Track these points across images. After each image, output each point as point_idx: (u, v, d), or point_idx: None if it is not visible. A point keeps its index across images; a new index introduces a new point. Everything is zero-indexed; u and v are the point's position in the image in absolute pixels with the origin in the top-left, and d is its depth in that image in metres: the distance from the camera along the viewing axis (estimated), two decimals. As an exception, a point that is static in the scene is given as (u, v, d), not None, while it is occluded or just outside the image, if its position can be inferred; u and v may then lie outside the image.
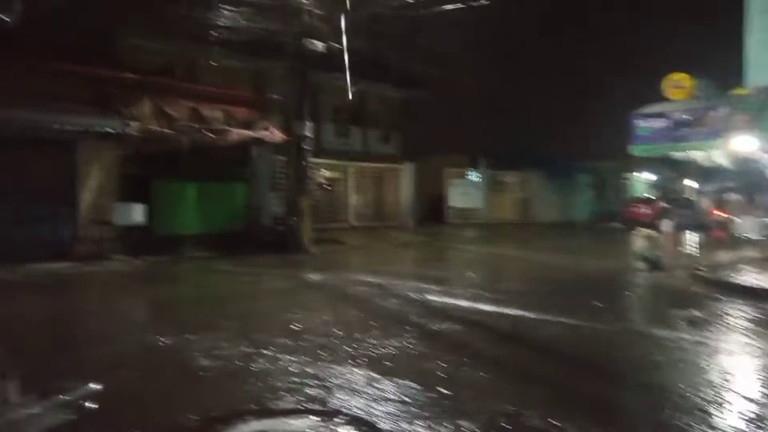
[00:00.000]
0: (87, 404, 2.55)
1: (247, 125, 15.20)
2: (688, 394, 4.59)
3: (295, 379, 4.80)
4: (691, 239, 12.56)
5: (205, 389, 4.63)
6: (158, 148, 15.50)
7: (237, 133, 14.48)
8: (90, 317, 8.08)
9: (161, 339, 6.16)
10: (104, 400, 3.05)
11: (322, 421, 1.97)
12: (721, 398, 4.52)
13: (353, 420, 2.17)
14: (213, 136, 13.93)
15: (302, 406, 4.13)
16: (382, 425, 3.83)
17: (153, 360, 5.53)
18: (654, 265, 12.10)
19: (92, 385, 2.61)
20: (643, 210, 26.63)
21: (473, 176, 27.08)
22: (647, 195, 30.68)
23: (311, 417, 2.09)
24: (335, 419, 1.98)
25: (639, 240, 12.56)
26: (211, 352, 5.60)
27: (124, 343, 6.09)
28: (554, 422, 3.94)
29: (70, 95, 12.58)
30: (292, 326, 6.77)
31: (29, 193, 12.13)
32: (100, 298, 9.49)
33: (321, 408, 4.05)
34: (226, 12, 15.00)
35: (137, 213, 12.49)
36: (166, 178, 15.18)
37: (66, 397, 2.43)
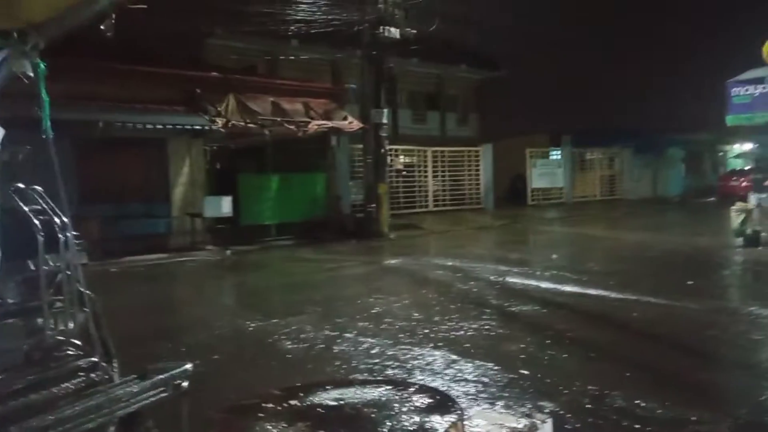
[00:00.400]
0: (182, 383, 2.72)
1: (326, 116, 15.49)
2: (789, 375, 4.34)
3: (376, 361, 4.92)
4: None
5: (291, 370, 4.84)
6: (243, 143, 16.15)
7: (316, 124, 14.78)
8: (184, 304, 8.58)
9: (250, 324, 6.47)
10: (198, 379, 3.25)
11: (397, 390, 2.05)
12: (827, 379, 4.24)
13: (427, 389, 2.24)
14: (294, 128, 14.29)
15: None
16: (461, 405, 3.86)
17: (242, 343, 5.83)
18: (751, 240, 11.38)
19: (187, 366, 2.78)
20: (741, 183, 25.06)
21: (556, 155, 26.31)
22: (745, 167, 28.81)
23: (387, 387, 2.18)
24: (410, 388, 2.06)
25: (735, 215, 11.80)
26: (297, 336, 5.83)
27: (215, 328, 6.43)
28: (641, 403, 3.83)
29: (160, 96, 13.28)
30: (372, 310, 6.91)
31: (127, 190, 12.97)
32: (194, 287, 10.03)
33: (397, 380, 4.16)
34: (302, 6, 15.33)
35: (226, 205, 13.05)
36: (251, 170, 15.78)
37: (163, 377, 2.61)
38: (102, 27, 2.03)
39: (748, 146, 30.99)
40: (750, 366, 4.67)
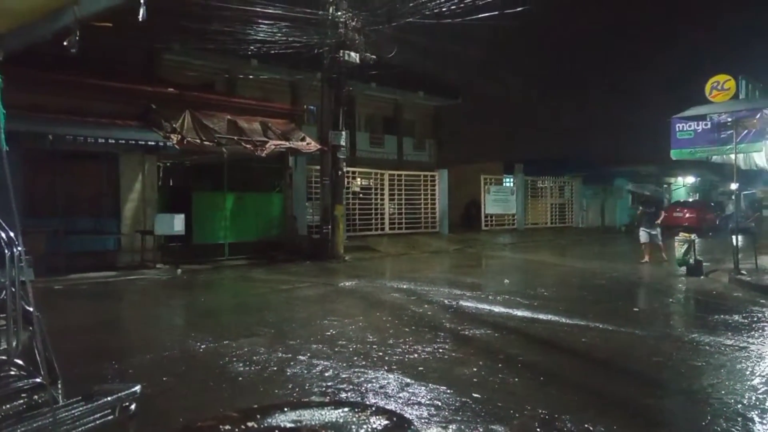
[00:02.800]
0: (130, 405, 2.66)
1: (284, 136, 15.45)
2: (729, 400, 4.50)
3: (330, 383, 4.88)
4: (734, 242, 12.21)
5: (243, 393, 4.75)
6: (198, 160, 15.94)
7: (274, 144, 14.72)
8: (133, 324, 8.33)
9: (200, 345, 6.33)
10: (146, 402, 3.18)
11: (354, 412, 2.04)
12: (764, 404, 4.42)
13: (383, 411, 2.23)
14: (251, 147, 14.19)
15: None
16: (417, 427, 3.87)
17: (192, 365, 5.68)
18: (694, 270, 11.85)
19: (135, 387, 2.72)
20: (684, 214, 26.10)
21: (509, 182, 26.89)
22: (688, 199, 30.10)
23: (344, 409, 2.17)
24: (367, 410, 2.05)
25: (679, 245, 12.29)
26: (249, 358, 5.73)
27: (164, 349, 6.26)
28: (589, 427, 3.91)
29: (114, 110, 13.02)
30: (326, 332, 6.87)
31: (76, 205, 12.57)
32: (143, 306, 9.76)
33: (354, 402, 4.12)
34: (263, 27, 15.33)
35: (178, 223, 12.78)
36: (206, 188, 15.56)
37: (110, 399, 2.54)
38: (66, 43, 2.00)
39: (691, 179, 32.48)
40: (693, 392, 4.83)
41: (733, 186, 14.83)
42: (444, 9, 14.54)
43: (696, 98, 14.39)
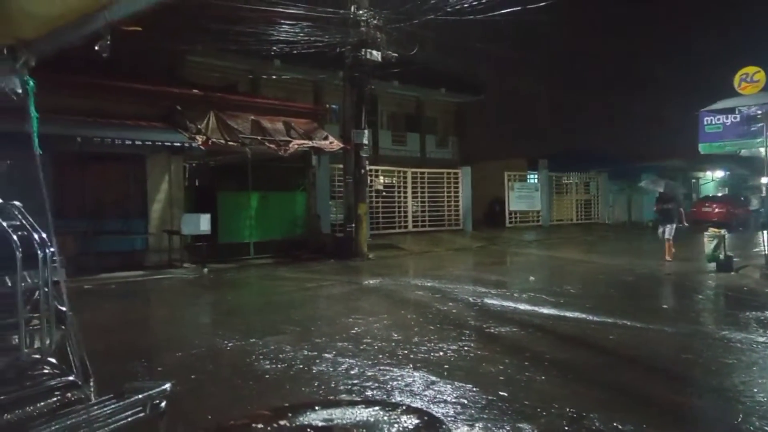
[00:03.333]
0: (160, 403, 2.70)
1: (307, 135, 15.53)
2: (762, 399, 4.41)
3: (355, 381, 4.90)
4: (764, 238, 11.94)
5: (270, 390, 4.79)
6: (223, 160, 16.09)
7: (297, 144, 14.80)
8: (161, 323, 8.45)
9: (227, 343, 6.40)
10: (176, 399, 3.22)
11: (385, 411, 2.05)
12: (797, 403, 4.33)
13: (413, 410, 2.23)
14: (274, 147, 14.28)
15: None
16: (449, 426, 3.86)
17: (220, 363, 5.76)
18: (724, 265, 11.62)
19: (165, 385, 2.76)
20: (713, 209, 25.60)
21: (533, 178, 26.64)
22: (717, 193, 29.50)
23: (374, 408, 2.17)
24: (397, 409, 2.05)
25: (708, 240, 12.07)
26: (275, 356, 5.78)
27: (192, 347, 6.34)
28: (618, 426, 3.87)
29: (140, 112, 13.22)
30: (352, 330, 6.89)
31: (104, 205, 12.80)
32: (170, 305, 9.89)
33: (385, 401, 4.13)
34: (285, 27, 15.41)
35: (204, 223, 12.92)
36: (230, 188, 15.71)
37: (141, 397, 2.58)
38: (97, 47, 2.03)
39: (719, 173, 31.84)
40: (724, 389, 4.74)
41: (764, 180, 14.51)
42: (465, 5, 14.45)
43: (725, 91, 14.11)
